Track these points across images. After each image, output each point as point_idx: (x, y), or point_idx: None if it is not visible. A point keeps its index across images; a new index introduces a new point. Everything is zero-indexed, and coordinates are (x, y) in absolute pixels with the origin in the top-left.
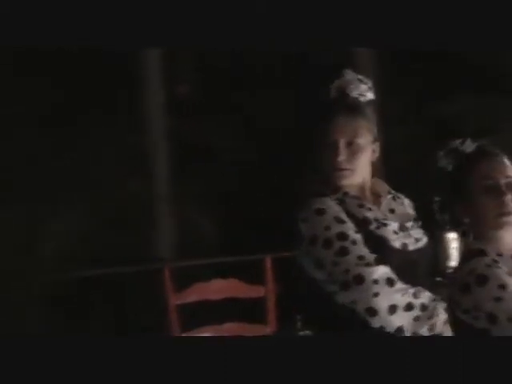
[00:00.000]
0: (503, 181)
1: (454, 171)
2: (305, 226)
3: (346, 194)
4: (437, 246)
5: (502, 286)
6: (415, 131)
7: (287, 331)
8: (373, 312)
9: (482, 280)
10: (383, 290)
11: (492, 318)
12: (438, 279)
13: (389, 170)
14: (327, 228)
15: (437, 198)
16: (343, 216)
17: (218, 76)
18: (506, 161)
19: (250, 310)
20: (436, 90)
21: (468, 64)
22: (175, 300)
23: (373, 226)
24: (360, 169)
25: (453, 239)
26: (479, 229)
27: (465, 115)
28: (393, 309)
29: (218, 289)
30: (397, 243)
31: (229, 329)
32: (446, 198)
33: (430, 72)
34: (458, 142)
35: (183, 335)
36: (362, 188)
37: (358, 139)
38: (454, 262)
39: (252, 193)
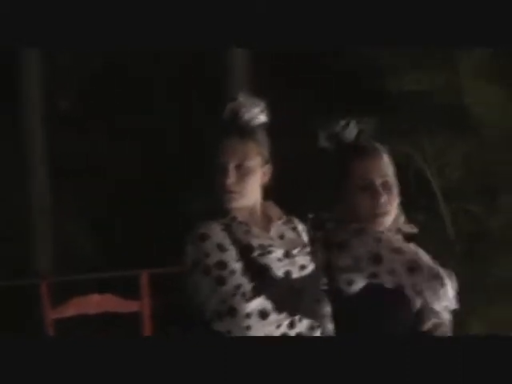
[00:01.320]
0: (379, 180)
1: (336, 158)
2: (189, 249)
3: (233, 218)
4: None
5: (379, 239)
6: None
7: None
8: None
9: (359, 233)
10: (256, 323)
11: (377, 259)
12: None
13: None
14: (207, 255)
15: (310, 215)
16: (226, 243)
17: (101, 90)
18: (385, 157)
19: (126, 324)
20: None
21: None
22: (52, 314)
23: (256, 254)
24: (249, 192)
25: None
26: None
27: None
28: None
29: (95, 303)
30: (280, 271)
31: None
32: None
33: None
34: (340, 125)
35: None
36: (252, 211)
37: (247, 162)
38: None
39: (130, 209)
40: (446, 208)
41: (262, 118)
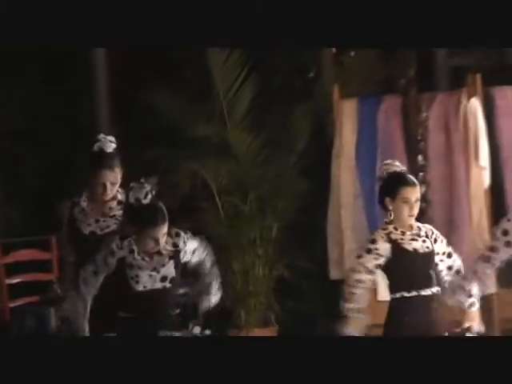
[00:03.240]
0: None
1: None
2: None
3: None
4: None
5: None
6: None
7: (65, 276)
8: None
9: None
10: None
11: None
12: None
13: None
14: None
15: (132, 184)
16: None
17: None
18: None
19: (44, 266)
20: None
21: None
22: (2, 260)
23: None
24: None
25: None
26: None
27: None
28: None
29: (25, 254)
30: (87, 230)
31: (31, 276)
32: None
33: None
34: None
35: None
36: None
37: (115, 181)
38: None
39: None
40: (219, 201)
41: (113, 148)
